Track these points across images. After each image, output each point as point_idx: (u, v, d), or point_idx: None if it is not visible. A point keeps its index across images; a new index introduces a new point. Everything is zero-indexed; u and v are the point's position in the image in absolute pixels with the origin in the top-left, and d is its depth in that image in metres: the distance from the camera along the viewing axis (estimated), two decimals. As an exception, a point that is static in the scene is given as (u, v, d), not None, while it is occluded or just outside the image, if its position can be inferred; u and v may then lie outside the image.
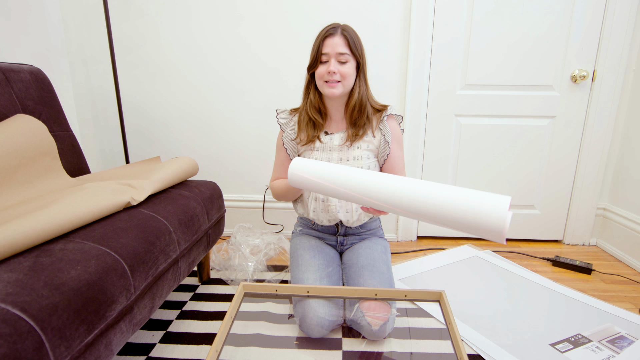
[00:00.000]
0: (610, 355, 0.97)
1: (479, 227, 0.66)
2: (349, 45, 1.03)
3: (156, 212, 0.90)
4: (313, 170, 0.85)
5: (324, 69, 1.04)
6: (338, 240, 1.23)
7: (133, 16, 1.61)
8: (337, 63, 1.03)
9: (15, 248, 0.63)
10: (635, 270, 1.49)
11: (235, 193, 1.81)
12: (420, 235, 1.82)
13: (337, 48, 1.02)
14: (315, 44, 1.06)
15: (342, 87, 1.05)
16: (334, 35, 1.02)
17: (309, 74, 1.10)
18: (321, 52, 1.03)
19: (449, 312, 0.88)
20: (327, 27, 1.04)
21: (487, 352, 0.98)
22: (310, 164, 0.86)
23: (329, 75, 1.03)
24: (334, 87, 1.04)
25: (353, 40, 1.03)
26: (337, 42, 1.02)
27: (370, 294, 0.97)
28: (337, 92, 1.04)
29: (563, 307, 1.19)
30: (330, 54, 1.02)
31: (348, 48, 1.03)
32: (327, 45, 1.02)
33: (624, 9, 1.47)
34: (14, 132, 0.99)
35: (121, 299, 0.69)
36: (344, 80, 1.04)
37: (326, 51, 1.03)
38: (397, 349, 0.99)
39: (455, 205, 0.68)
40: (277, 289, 0.97)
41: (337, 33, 1.02)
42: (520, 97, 1.61)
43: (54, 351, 0.53)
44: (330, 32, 1.03)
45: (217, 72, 1.65)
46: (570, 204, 1.71)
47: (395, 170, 1.15)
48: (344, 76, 1.03)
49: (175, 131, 1.75)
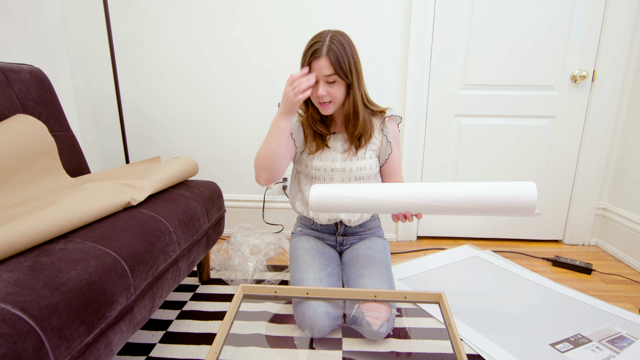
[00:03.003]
0: (610, 355, 0.97)
1: (514, 203, 0.88)
2: (334, 66, 0.97)
3: (156, 212, 0.90)
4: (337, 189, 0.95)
5: (314, 92, 1.02)
6: (338, 240, 1.23)
7: (133, 17, 1.61)
8: (325, 84, 1.00)
9: (15, 248, 0.63)
10: (635, 270, 1.49)
11: (235, 193, 1.81)
12: (420, 235, 1.82)
13: (322, 71, 0.98)
14: (302, 63, 1.02)
15: (334, 106, 1.04)
16: (319, 58, 0.97)
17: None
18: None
19: (449, 314, 0.88)
20: (313, 43, 0.99)
21: (487, 352, 0.98)
22: (330, 186, 0.95)
23: (319, 98, 1.02)
24: (327, 108, 1.04)
25: (338, 60, 0.97)
26: (323, 64, 0.97)
27: (370, 295, 0.97)
28: (330, 111, 1.05)
29: (563, 307, 1.19)
30: (317, 76, 0.99)
31: (332, 69, 0.98)
32: (314, 67, 0.98)
33: (624, 9, 1.47)
34: (14, 132, 0.99)
35: (121, 299, 0.69)
36: (335, 100, 1.02)
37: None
38: (397, 349, 0.99)
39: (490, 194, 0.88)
40: (276, 291, 0.97)
41: (321, 54, 0.97)
42: (520, 97, 1.61)
43: (54, 351, 0.53)
44: (314, 54, 0.97)
45: (217, 73, 1.65)
46: (570, 204, 1.71)
47: (394, 168, 1.16)
48: (333, 97, 1.01)
49: (175, 131, 1.75)
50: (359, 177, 1.12)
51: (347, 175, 1.11)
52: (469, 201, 0.89)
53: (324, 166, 1.12)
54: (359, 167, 1.11)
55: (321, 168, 1.12)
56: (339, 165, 1.11)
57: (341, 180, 1.12)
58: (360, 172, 1.11)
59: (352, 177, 1.12)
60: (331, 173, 1.12)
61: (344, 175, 1.12)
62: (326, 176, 1.12)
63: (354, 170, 1.11)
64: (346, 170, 1.11)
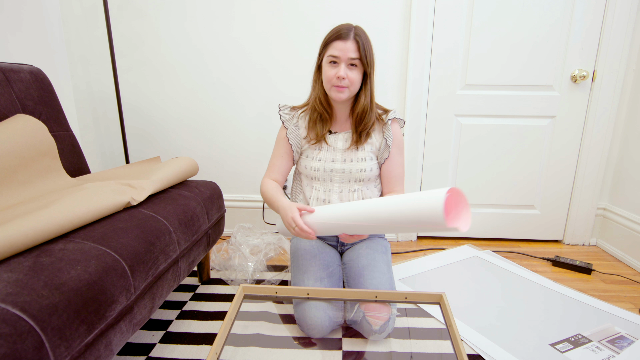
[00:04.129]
0: (610, 355, 0.97)
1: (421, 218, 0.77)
2: (360, 52, 0.99)
3: (156, 212, 0.90)
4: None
5: (333, 72, 1.01)
6: (338, 241, 1.23)
7: (132, 17, 1.61)
8: (346, 68, 1.01)
9: (15, 248, 0.63)
10: (635, 270, 1.49)
11: (235, 193, 1.81)
12: (420, 235, 1.82)
13: (348, 53, 0.99)
14: (325, 43, 1.03)
15: (348, 92, 1.03)
16: (347, 39, 0.99)
17: (317, 69, 1.09)
18: (332, 53, 1.01)
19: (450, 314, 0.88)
20: (340, 27, 1.01)
21: (487, 352, 0.98)
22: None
23: (338, 80, 1.01)
24: (342, 92, 1.02)
25: (364, 47, 1.00)
26: (349, 47, 0.99)
27: (371, 296, 0.97)
28: (344, 96, 1.03)
29: (563, 307, 1.19)
30: (340, 57, 1.00)
31: (358, 54, 0.99)
32: (339, 48, 0.99)
33: (624, 9, 1.47)
34: (14, 132, 0.99)
35: (121, 299, 0.69)
36: (351, 86, 1.02)
37: (337, 54, 1.00)
38: (397, 349, 0.99)
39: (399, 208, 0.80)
40: (276, 291, 0.97)
41: (349, 37, 0.99)
42: (521, 97, 1.61)
43: (54, 351, 0.53)
44: (343, 35, 0.99)
45: (217, 74, 1.65)
46: (570, 204, 1.71)
47: (392, 174, 1.15)
48: (351, 82, 1.01)
49: (175, 132, 1.75)
50: (359, 179, 1.11)
51: (347, 176, 1.11)
52: (380, 219, 0.82)
53: (323, 167, 1.11)
54: (359, 169, 1.10)
55: (320, 169, 1.12)
56: (339, 166, 1.11)
57: (341, 181, 1.12)
58: (360, 173, 1.11)
59: (352, 178, 1.11)
60: (331, 174, 1.11)
61: (344, 177, 1.11)
62: (326, 177, 1.12)
63: (353, 172, 1.11)
64: (346, 171, 1.11)
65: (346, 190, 1.12)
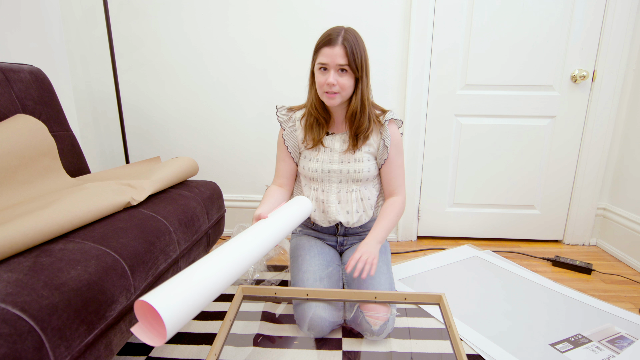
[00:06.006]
0: (610, 355, 0.97)
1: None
2: (348, 57, 0.98)
3: (156, 212, 0.90)
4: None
5: (323, 79, 1.01)
6: (338, 241, 1.23)
7: (131, 17, 1.61)
8: (336, 74, 1.00)
9: (15, 248, 0.63)
10: (635, 270, 1.49)
11: (235, 193, 1.81)
12: (420, 235, 1.82)
13: (336, 59, 0.98)
14: (315, 49, 1.03)
15: (340, 97, 1.03)
16: (334, 45, 0.98)
17: (311, 75, 1.09)
18: (321, 60, 1.00)
19: (449, 315, 0.88)
20: (328, 33, 1.01)
21: (487, 352, 0.98)
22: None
23: (328, 87, 1.01)
24: (333, 98, 1.02)
25: (353, 51, 0.98)
26: (337, 52, 0.98)
27: (370, 297, 0.97)
28: (336, 102, 1.03)
29: (563, 307, 1.19)
30: (329, 64, 0.99)
31: (346, 59, 0.98)
32: (327, 54, 0.99)
33: (624, 9, 1.47)
34: (14, 132, 0.99)
35: (121, 299, 0.69)
36: (343, 91, 1.02)
37: (325, 61, 0.99)
38: (397, 349, 0.99)
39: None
40: (276, 292, 0.97)
41: (337, 43, 0.98)
42: (521, 97, 1.61)
43: (54, 351, 0.53)
44: (332, 41, 0.99)
45: (216, 74, 1.65)
46: (570, 203, 1.71)
47: (392, 175, 1.14)
48: (342, 87, 1.01)
49: (175, 131, 1.75)
50: (357, 179, 1.11)
51: (345, 177, 1.11)
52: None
53: (320, 168, 1.11)
54: (357, 170, 1.10)
55: (318, 169, 1.11)
56: (337, 167, 1.11)
57: (339, 182, 1.12)
58: (358, 174, 1.10)
59: (350, 178, 1.11)
60: (328, 174, 1.11)
61: (342, 177, 1.11)
62: (323, 177, 1.12)
63: (351, 172, 1.10)
64: (343, 172, 1.11)
65: (344, 191, 1.12)
